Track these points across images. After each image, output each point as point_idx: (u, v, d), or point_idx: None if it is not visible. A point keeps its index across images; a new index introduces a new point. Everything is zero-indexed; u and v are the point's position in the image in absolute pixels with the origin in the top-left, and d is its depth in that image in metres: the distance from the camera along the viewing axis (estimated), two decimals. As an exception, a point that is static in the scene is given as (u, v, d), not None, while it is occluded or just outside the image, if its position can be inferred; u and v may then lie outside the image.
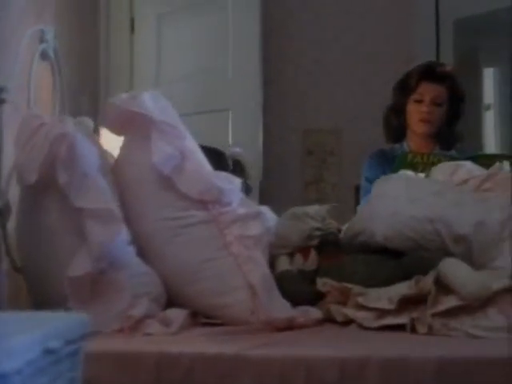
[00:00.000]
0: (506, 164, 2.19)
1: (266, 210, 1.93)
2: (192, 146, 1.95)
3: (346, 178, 4.25)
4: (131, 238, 1.87)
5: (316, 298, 1.94)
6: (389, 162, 3.04)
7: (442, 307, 1.77)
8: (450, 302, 1.77)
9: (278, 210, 4.32)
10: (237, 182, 1.93)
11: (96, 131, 2.45)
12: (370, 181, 3.16)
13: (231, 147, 2.41)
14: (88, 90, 3.70)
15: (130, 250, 1.84)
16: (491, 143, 5.25)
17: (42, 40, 2.52)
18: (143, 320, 1.71)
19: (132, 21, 4.44)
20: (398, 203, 2.03)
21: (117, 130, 1.97)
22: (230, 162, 2.34)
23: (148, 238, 1.90)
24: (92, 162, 1.81)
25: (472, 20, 4.51)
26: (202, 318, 1.87)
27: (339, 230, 2.23)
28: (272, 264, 2.02)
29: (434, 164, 2.73)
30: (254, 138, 4.18)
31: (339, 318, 1.85)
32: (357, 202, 3.35)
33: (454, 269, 1.81)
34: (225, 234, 1.87)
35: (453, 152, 3.26)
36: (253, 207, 1.92)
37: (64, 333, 1.18)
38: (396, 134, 3.28)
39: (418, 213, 1.99)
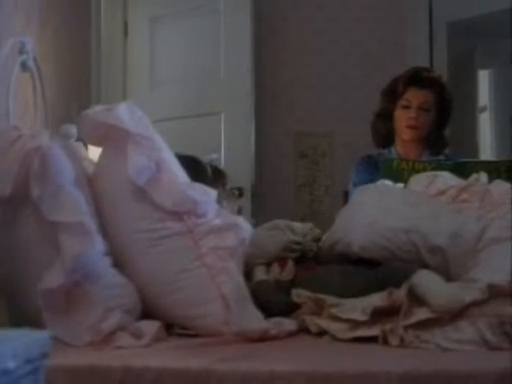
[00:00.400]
0: (482, 175, 2.19)
1: (241, 221, 1.94)
2: (168, 157, 1.96)
3: (339, 180, 4.27)
4: (108, 248, 1.89)
5: (292, 309, 1.95)
6: (376, 168, 3.05)
7: (414, 319, 1.78)
8: (422, 313, 1.78)
9: (271, 212, 4.33)
10: (212, 193, 1.94)
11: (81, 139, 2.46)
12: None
13: (208, 154, 2.41)
14: (80, 95, 3.72)
15: (106, 262, 1.85)
16: (486, 145, 5.25)
17: (21, 51, 2.52)
18: (115, 332, 1.72)
19: (125, 24, 4.46)
20: (374, 214, 2.04)
21: (93, 142, 1.99)
22: (209, 169, 2.34)
23: (124, 249, 1.91)
24: (66, 175, 1.81)
25: (467, 22, 4.51)
26: (177, 328, 1.89)
27: (320, 239, 2.25)
28: (249, 273, 2.04)
29: (419, 171, 2.74)
30: (246, 140, 4.20)
31: (313, 329, 1.86)
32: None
33: (427, 280, 1.81)
34: (200, 246, 1.88)
35: (441, 157, 3.26)
36: (228, 218, 1.93)
37: (23, 351, 1.18)
38: (384, 140, 3.29)
39: (393, 223, 2.00)
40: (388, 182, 2.31)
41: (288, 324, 1.86)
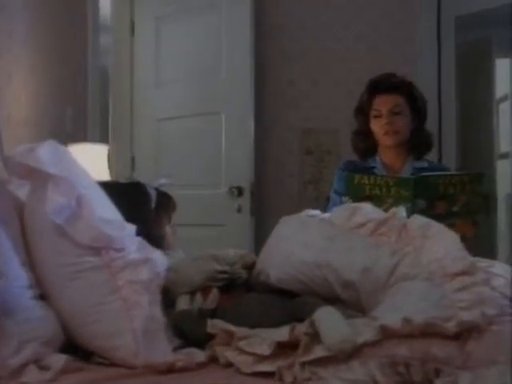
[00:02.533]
0: (401, 209, 2.20)
1: (158, 254, 2.03)
2: (90, 193, 2.05)
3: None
4: (34, 281, 2.01)
5: (210, 339, 2.03)
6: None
7: (313, 356, 1.83)
8: (320, 351, 1.83)
9: (275, 209, 4.38)
10: (129, 228, 2.03)
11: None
12: (339, 193, 3.21)
13: (158, 179, 2.48)
14: (72, 100, 3.85)
15: (26, 295, 1.97)
16: (508, 135, 5.16)
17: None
18: (26, 366, 1.83)
19: (132, 23, 4.55)
20: (291, 246, 2.09)
21: (22, 179, 2.10)
22: (154, 194, 2.42)
23: (48, 282, 2.03)
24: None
25: (476, 15, 4.43)
26: (97, 357, 2.00)
27: (254, 264, 2.30)
28: (174, 302, 2.13)
29: (381, 185, 2.76)
30: (246, 140, 4.25)
31: (222, 361, 1.93)
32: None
33: (325, 318, 1.84)
34: (117, 279, 1.98)
35: (424, 163, 3.26)
36: (145, 253, 2.02)
37: None
38: (365, 154, 3.32)
39: (308, 257, 2.05)
40: (314, 213, 2.34)
41: (198, 355, 1.94)
